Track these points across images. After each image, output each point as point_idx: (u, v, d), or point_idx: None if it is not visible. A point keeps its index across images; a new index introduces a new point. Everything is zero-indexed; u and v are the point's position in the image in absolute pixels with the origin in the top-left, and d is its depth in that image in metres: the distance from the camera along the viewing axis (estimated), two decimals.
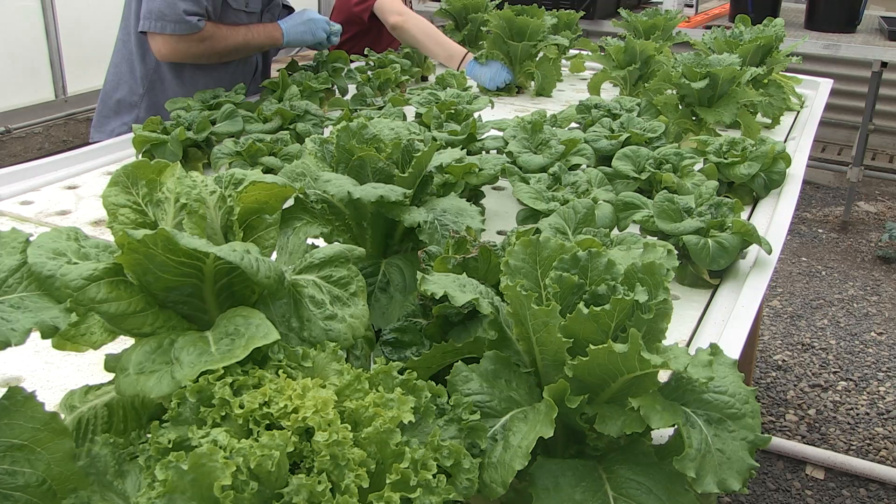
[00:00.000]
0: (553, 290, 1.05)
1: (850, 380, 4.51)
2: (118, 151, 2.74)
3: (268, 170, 2.22)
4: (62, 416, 1.10)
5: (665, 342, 1.12)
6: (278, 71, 3.10)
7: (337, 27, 3.43)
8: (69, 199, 2.35)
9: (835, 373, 4.58)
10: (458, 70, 3.41)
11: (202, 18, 3.02)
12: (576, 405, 1.04)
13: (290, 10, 3.49)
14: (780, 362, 4.67)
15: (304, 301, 1.10)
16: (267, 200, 1.20)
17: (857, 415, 4.21)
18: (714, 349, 1.18)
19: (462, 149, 2.17)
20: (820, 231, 6.49)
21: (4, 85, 6.09)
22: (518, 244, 1.10)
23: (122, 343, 1.08)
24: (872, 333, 4.96)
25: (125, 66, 3.22)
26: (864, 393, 4.39)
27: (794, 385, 4.47)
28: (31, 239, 1.05)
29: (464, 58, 3.56)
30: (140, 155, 2.43)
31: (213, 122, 2.52)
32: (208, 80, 3.21)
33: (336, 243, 1.29)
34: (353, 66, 3.42)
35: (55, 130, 6.27)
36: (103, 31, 6.49)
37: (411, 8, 4.12)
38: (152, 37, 3.05)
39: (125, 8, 3.23)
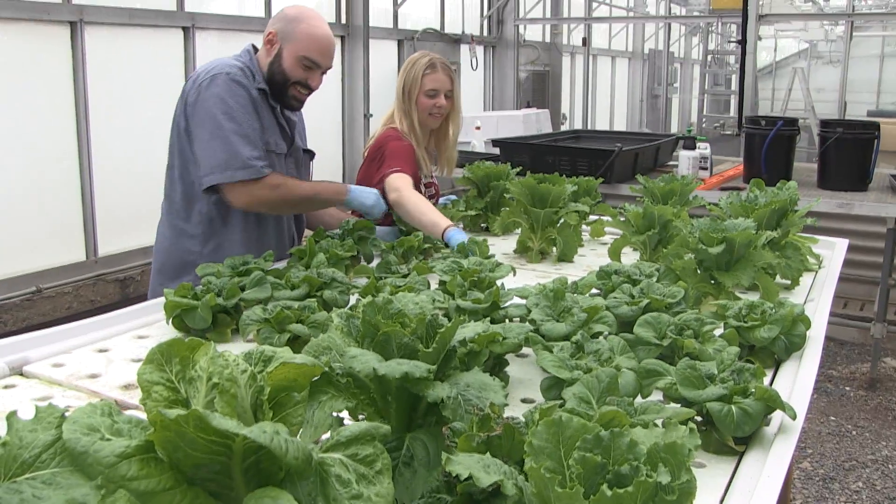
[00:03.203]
0: (576, 471, 1.07)
1: None
2: (148, 315, 2.80)
3: (295, 337, 2.27)
4: None
5: None
6: (305, 238, 3.20)
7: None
8: (100, 362, 2.39)
9: None
10: (442, 240, 3.42)
11: (266, 165, 3.16)
12: None
13: (310, 154, 3.70)
14: None
15: (330, 480, 1.11)
16: (295, 378, 1.23)
17: None
18: None
19: (486, 317, 2.21)
20: (847, 389, 6.40)
21: (38, 245, 6.28)
22: (541, 424, 1.12)
23: None
24: None
25: (179, 237, 3.34)
26: None
27: None
28: (67, 414, 1.09)
29: (446, 229, 3.47)
30: (170, 320, 2.49)
31: (243, 288, 2.58)
32: (251, 243, 3.35)
33: (362, 421, 1.31)
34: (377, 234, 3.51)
35: (84, 290, 6.42)
36: (136, 194, 6.75)
37: (432, 177, 4.21)
38: (228, 189, 3.14)
39: (169, 186, 3.36)
